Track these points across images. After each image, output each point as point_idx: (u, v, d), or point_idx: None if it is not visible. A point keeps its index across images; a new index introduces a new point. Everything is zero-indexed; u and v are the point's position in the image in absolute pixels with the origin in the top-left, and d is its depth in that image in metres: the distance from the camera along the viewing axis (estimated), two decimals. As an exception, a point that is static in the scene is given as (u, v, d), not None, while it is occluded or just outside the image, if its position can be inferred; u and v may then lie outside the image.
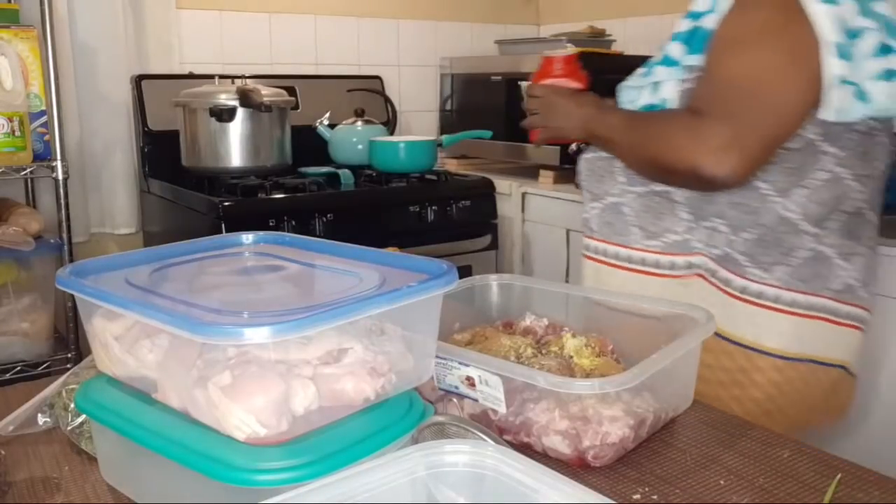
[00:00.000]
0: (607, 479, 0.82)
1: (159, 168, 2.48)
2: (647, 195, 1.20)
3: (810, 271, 1.12)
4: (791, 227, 1.11)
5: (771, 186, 1.10)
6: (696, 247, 1.17)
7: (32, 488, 0.82)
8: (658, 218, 1.19)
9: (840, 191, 1.10)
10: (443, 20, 3.16)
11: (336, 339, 0.74)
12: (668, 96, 1.16)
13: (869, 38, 1.03)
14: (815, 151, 1.09)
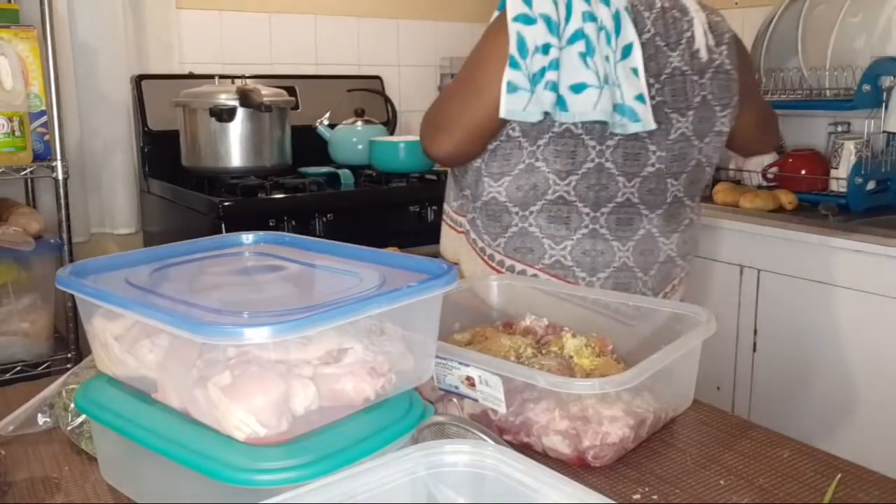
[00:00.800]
0: (607, 479, 0.82)
1: (159, 168, 2.48)
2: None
3: (520, 244, 1.33)
4: (502, 207, 1.32)
5: (487, 171, 1.31)
6: (464, 210, 1.41)
7: (32, 488, 0.82)
8: (452, 186, 1.46)
9: (536, 179, 1.28)
10: (443, 20, 3.16)
11: (336, 339, 0.74)
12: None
13: (551, 54, 1.22)
14: (516, 146, 1.27)
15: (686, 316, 1.00)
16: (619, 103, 1.23)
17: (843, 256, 1.92)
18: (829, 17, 2.30)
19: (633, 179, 1.29)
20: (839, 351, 1.95)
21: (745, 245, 2.14)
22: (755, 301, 2.13)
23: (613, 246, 1.31)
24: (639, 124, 1.24)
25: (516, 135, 1.26)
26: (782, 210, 2.21)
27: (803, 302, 2.02)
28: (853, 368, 1.92)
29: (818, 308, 1.99)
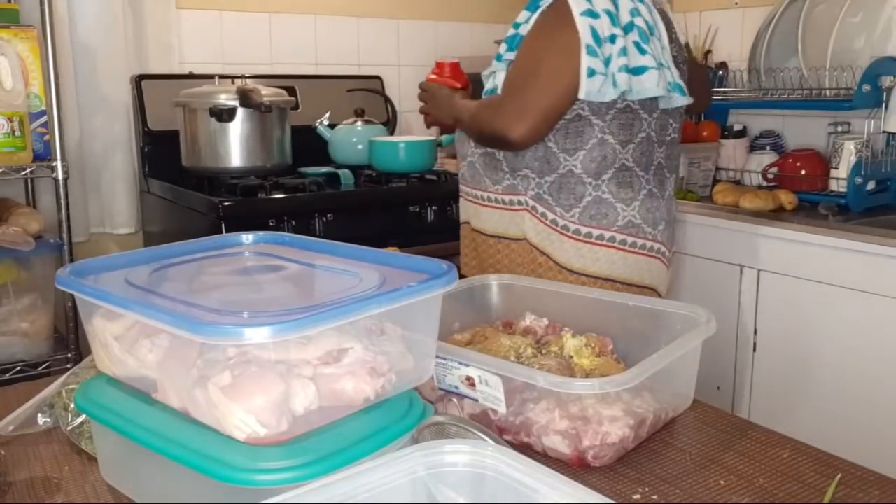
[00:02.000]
0: (607, 479, 0.82)
1: (159, 168, 2.48)
2: (484, 155, 1.61)
3: (595, 211, 1.50)
4: (577, 179, 1.49)
5: (559, 147, 1.49)
6: (518, 189, 1.56)
7: (32, 488, 0.83)
8: (493, 171, 1.60)
9: (606, 150, 1.48)
10: (443, 20, 3.16)
11: (336, 339, 0.74)
12: (498, 82, 1.55)
13: (617, 43, 1.41)
14: (587, 123, 1.47)
15: (686, 316, 1.00)
16: (671, 81, 1.48)
17: (843, 256, 1.92)
18: (829, 17, 2.30)
19: (662, 146, 1.55)
20: (839, 351, 1.95)
21: (745, 245, 2.14)
22: (755, 301, 2.13)
23: (661, 202, 1.56)
24: (685, 98, 1.51)
25: (586, 113, 1.46)
26: (782, 210, 2.21)
27: (803, 302, 2.02)
28: (853, 368, 1.92)
29: (818, 308, 1.99)
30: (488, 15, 3.26)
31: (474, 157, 1.65)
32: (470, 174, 1.67)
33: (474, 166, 1.65)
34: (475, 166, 1.65)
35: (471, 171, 1.67)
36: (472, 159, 1.66)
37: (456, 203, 2.43)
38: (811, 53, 2.34)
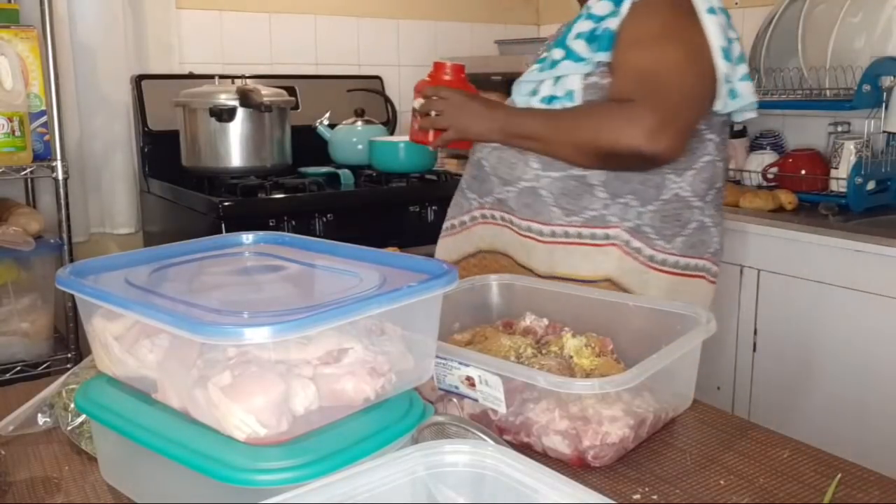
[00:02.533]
0: (607, 479, 0.82)
1: (159, 168, 2.48)
2: (563, 179, 1.32)
3: (697, 239, 1.35)
4: (684, 203, 1.32)
5: (670, 167, 1.29)
6: (611, 220, 1.32)
7: (32, 488, 0.82)
8: (576, 198, 1.32)
9: (714, 171, 1.34)
10: (443, 20, 3.16)
11: (336, 339, 0.74)
12: (573, 88, 1.29)
13: (736, 46, 1.28)
14: (702, 139, 1.31)
15: (686, 316, 1.00)
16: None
17: (843, 256, 1.92)
18: (829, 17, 2.30)
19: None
20: (839, 351, 1.95)
21: (745, 245, 2.14)
22: (755, 301, 2.13)
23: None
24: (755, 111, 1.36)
25: (702, 128, 1.30)
26: (782, 210, 2.21)
27: (803, 302, 2.02)
28: (853, 368, 1.92)
29: (818, 308, 1.99)
30: (488, 15, 3.26)
31: (541, 181, 1.33)
32: (525, 203, 1.35)
33: (536, 194, 1.34)
34: (538, 194, 1.34)
35: (527, 200, 1.35)
36: (533, 184, 1.34)
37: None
38: (811, 53, 2.34)
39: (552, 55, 1.34)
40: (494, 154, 1.40)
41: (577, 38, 1.30)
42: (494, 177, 1.40)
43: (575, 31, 1.31)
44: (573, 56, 1.29)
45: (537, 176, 1.33)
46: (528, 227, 1.36)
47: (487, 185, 1.42)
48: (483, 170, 1.43)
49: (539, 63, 1.38)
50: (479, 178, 1.44)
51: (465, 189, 1.50)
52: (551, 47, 1.37)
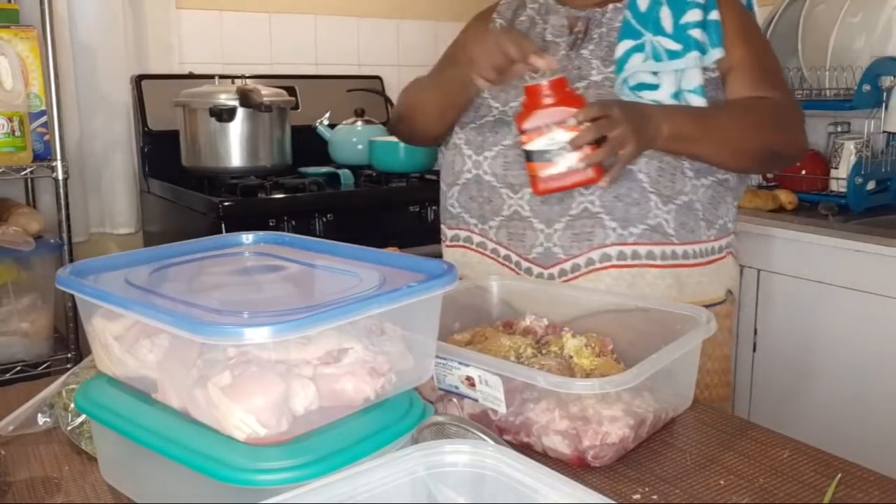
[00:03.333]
0: (607, 479, 0.82)
1: (159, 168, 2.48)
2: (712, 186, 1.23)
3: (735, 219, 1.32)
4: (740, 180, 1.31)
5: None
6: (729, 227, 1.28)
7: (32, 488, 0.82)
8: (716, 206, 1.24)
9: None
10: (443, 20, 3.16)
11: (336, 339, 0.74)
12: (698, 83, 1.19)
13: None
14: None
15: (686, 316, 1.00)
16: None
17: (843, 256, 1.92)
18: (829, 17, 2.30)
19: None
20: (839, 351, 1.95)
21: (745, 245, 2.14)
22: (755, 301, 2.13)
23: None
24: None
25: None
26: (782, 210, 2.21)
27: (803, 302, 2.02)
28: (853, 368, 1.92)
29: (818, 308, 1.99)
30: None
31: (696, 192, 1.20)
32: (680, 222, 1.19)
33: (691, 208, 1.19)
34: (692, 207, 1.20)
35: (683, 217, 1.19)
36: (689, 197, 1.19)
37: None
38: (811, 53, 2.34)
39: (660, 43, 1.19)
40: (653, 165, 1.18)
41: (694, 28, 1.19)
42: (654, 194, 1.18)
43: (686, 18, 1.20)
44: (699, 47, 1.18)
45: (694, 187, 1.20)
46: (685, 252, 1.20)
47: (641, 209, 1.18)
48: (635, 188, 1.18)
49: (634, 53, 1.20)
50: (627, 199, 1.18)
51: (599, 214, 1.18)
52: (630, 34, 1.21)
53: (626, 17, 1.24)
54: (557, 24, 1.33)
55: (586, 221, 1.19)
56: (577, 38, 1.30)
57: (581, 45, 1.29)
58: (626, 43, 1.22)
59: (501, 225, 1.26)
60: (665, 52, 1.19)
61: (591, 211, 1.18)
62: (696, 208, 1.21)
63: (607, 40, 1.26)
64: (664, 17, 1.21)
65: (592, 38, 1.29)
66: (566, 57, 1.28)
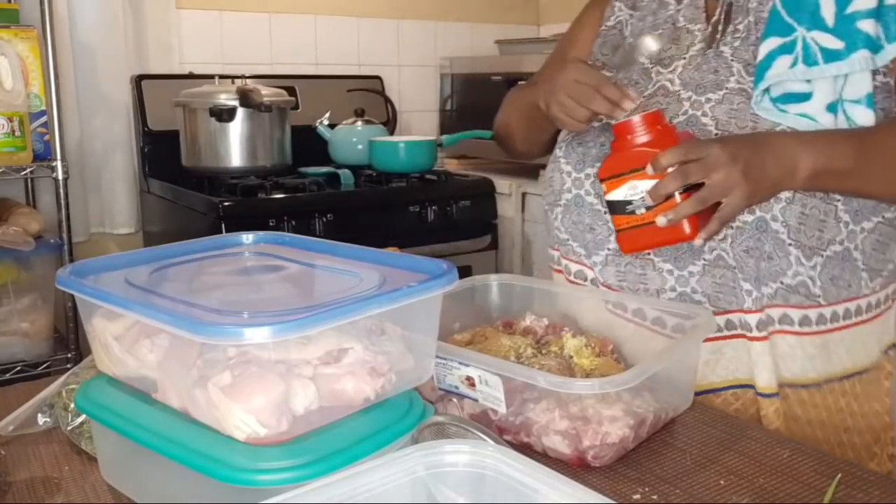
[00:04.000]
0: (607, 479, 0.82)
1: (159, 168, 2.48)
2: (878, 228, 1.00)
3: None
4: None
5: None
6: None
7: (32, 488, 0.82)
8: (884, 251, 1.01)
9: None
10: (443, 20, 3.16)
11: (336, 339, 0.74)
12: (866, 91, 0.95)
13: None
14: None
15: (686, 316, 1.00)
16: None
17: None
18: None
19: None
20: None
21: None
22: None
23: None
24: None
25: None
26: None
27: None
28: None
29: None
30: (488, 15, 3.26)
31: (855, 238, 0.99)
32: (832, 277, 0.99)
33: (847, 258, 0.99)
34: (849, 258, 0.99)
35: (835, 271, 0.99)
36: (843, 246, 0.99)
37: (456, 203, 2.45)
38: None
39: (816, 40, 0.96)
40: (793, 211, 0.97)
41: (864, 18, 0.94)
42: (794, 247, 0.98)
43: (854, 6, 0.95)
44: (869, 44, 0.94)
45: (852, 233, 0.99)
46: (835, 314, 0.99)
47: (775, 265, 0.98)
48: (771, 239, 0.98)
49: (773, 56, 0.98)
50: (757, 253, 0.99)
51: (735, 269, 1.00)
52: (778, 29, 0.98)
53: (776, 4, 0.99)
54: (692, 7, 1.11)
55: (726, 273, 1.00)
56: (714, 29, 1.07)
57: (721, 39, 1.06)
58: (772, 41, 0.98)
59: (608, 262, 1.07)
60: (821, 52, 0.96)
61: (727, 262, 0.99)
62: (854, 258, 0.99)
63: (755, 34, 1.03)
64: (825, 4, 0.96)
65: (737, 31, 1.06)
66: (701, 54, 1.07)
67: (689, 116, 1.04)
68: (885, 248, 1.01)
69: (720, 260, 1.00)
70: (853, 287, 0.99)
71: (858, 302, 1.01)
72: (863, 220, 0.99)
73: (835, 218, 0.97)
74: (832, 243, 0.98)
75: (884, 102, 0.98)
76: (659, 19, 1.14)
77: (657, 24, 1.15)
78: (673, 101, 1.06)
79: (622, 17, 1.20)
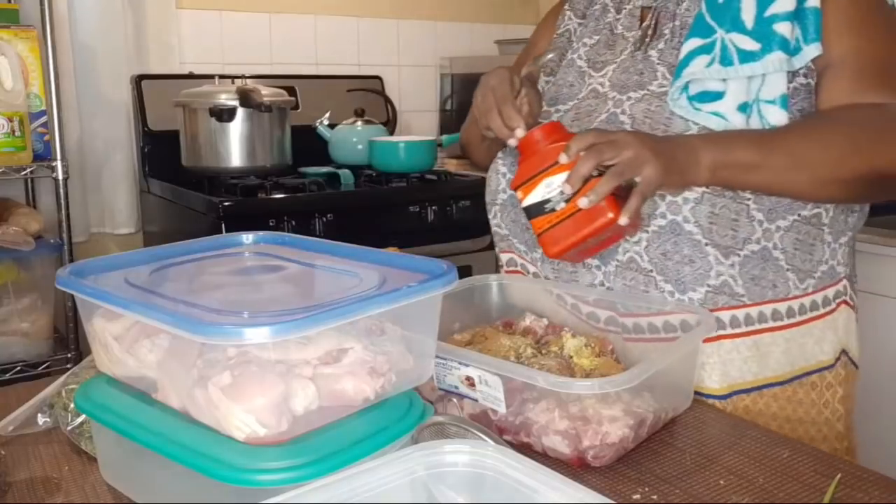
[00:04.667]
0: (607, 479, 0.82)
1: (159, 168, 2.48)
2: (795, 226, 1.00)
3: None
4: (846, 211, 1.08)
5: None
6: (839, 271, 1.04)
7: (32, 488, 0.82)
8: (810, 251, 1.01)
9: None
10: (443, 20, 3.16)
11: (336, 339, 0.74)
12: (780, 92, 0.97)
13: None
14: None
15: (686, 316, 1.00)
16: None
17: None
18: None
19: None
20: (839, 351, 1.94)
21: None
22: None
23: None
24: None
25: None
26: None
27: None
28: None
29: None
30: (488, 15, 3.26)
31: (772, 237, 1.00)
32: (752, 277, 1.00)
33: (765, 257, 0.99)
34: (770, 257, 0.99)
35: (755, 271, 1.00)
36: (763, 245, 0.99)
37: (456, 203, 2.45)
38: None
39: (734, 42, 0.99)
40: (702, 210, 0.98)
41: (782, 21, 0.97)
42: (711, 246, 0.98)
43: (773, 9, 0.98)
44: (785, 46, 0.97)
45: (767, 231, 0.99)
46: (762, 314, 1.00)
47: (698, 268, 0.99)
48: (684, 241, 0.99)
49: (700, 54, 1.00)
50: (677, 256, 1.00)
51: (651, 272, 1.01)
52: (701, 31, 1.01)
53: (701, 8, 1.03)
54: (629, 14, 1.15)
55: (637, 276, 1.01)
56: (644, 34, 1.11)
57: (649, 43, 1.10)
58: (693, 42, 1.01)
59: (545, 259, 1.08)
60: (737, 52, 0.98)
61: (640, 266, 1.00)
62: (775, 258, 0.99)
63: (680, 37, 1.06)
64: (746, 7, 0.99)
65: (663, 35, 1.09)
66: (630, 58, 1.11)
67: (609, 114, 1.07)
68: (810, 248, 1.01)
69: (632, 263, 1.02)
70: (779, 288, 1.00)
71: (789, 303, 1.01)
72: (777, 218, 0.99)
73: (747, 216, 0.98)
74: (748, 242, 0.98)
75: (802, 103, 1.00)
76: (599, 25, 1.18)
77: (598, 28, 1.18)
78: (600, 103, 1.10)
79: (571, 25, 1.24)
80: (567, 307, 1.08)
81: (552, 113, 1.16)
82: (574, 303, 1.06)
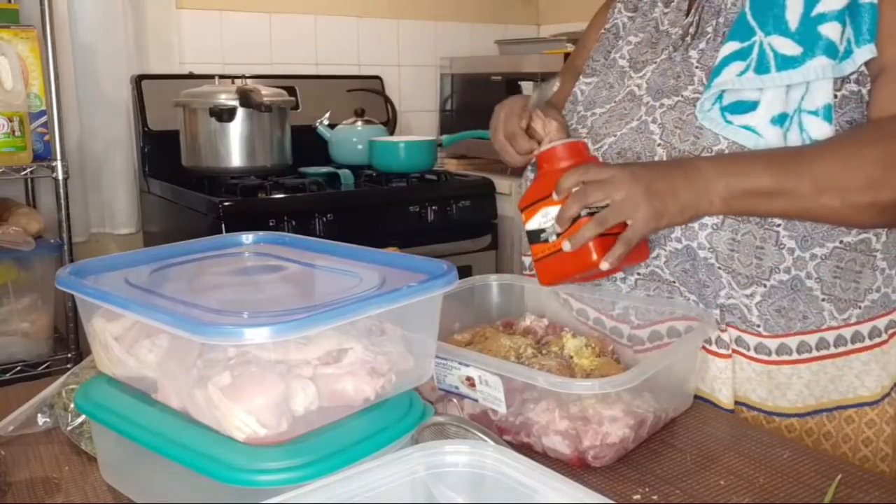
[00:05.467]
0: (607, 480, 0.82)
1: (159, 168, 2.49)
2: (836, 254, 0.92)
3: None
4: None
5: None
6: (894, 298, 0.96)
7: (32, 488, 0.82)
8: (855, 279, 0.93)
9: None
10: (443, 20, 3.16)
11: (336, 339, 0.74)
12: (824, 101, 0.88)
13: None
14: None
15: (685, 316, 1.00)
16: None
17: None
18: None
19: None
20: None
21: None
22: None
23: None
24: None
25: None
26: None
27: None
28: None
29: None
30: (488, 15, 3.26)
31: (805, 266, 0.93)
32: (775, 309, 0.94)
33: (797, 288, 0.93)
34: (800, 287, 0.93)
35: (781, 302, 0.94)
36: (791, 275, 0.93)
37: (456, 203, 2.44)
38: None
39: (773, 46, 0.90)
40: (721, 237, 0.93)
41: (830, 21, 0.87)
42: (727, 273, 0.94)
43: (821, 7, 0.88)
44: (830, 50, 0.87)
45: (799, 259, 0.92)
46: (780, 346, 0.94)
47: (711, 291, 0.96)
48: (703, 266, 0.95)
49: (727, 62, 0.92)
50: (695, 278, 0.97)
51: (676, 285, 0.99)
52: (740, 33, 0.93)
53: (745, 6, 0.94)
54: (676, 8, 1.07)
55: (661, 286, 0.99)
56: (685, 31, 1.03)
57: (690, 42, 1.02)
58: (730, 46, 0.93)
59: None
60: (776, 58, 0.89)
61: (662, 277, 0.98)
62: (808, 287, 0.92)
63: (722, 38, 0.98)
64: (792, 6, 0.90)
65: (706, 34, 1.00)
66: (669, 59, 1.03)
67: (640, 122, 1.01)
68: (856, 276, 0.93)
69: (654, 275, 1.00)
70: (810, 319, 0.93)
71: (821, 335, 0.94)
72: (813, 245, 0.92)
73: (776, 244, 0.92)
74: (775, 272, 0.92)
75: (852, 114, 0.91)
76: (647, 20, 1.11)
77: (644, 25, 1.11)
78: (634, 107, 1.04)
79: (620, 19, 1.16)
80: (589, 322, 1.06)
81: (588, 116, 1.10)
82: (597, 317, 1.04)
